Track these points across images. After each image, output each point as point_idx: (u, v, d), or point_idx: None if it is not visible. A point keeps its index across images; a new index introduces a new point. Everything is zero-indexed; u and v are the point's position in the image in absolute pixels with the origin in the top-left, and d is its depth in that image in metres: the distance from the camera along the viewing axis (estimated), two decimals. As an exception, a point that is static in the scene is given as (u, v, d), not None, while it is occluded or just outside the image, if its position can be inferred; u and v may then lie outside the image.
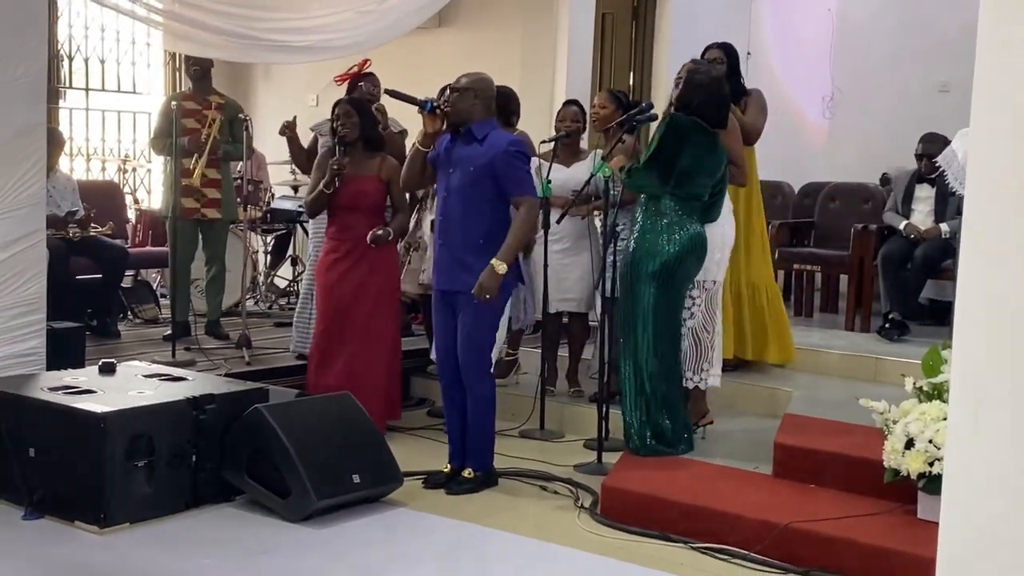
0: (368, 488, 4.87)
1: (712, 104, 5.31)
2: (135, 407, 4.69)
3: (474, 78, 5.14)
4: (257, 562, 4.27)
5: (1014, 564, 2.16)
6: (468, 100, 5.07)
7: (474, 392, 5.15)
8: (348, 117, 5.92)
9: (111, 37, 9.88)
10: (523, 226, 5.07)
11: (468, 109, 5.08)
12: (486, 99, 5.13)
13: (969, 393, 2.23)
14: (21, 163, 5.39)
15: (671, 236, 5.24)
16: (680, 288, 5.34)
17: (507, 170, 5.02)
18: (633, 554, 4.43)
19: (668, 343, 5.33)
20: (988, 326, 2.20)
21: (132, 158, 10.10)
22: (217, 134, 7.15)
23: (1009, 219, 2.15)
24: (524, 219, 5.06)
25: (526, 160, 5.16)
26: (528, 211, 5.06)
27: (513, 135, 5.28)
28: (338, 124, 5.93)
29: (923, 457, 4.21)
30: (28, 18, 5.37)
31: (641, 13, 9.43)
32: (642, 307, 5.28)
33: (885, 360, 6.45)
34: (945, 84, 8.91)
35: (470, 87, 5.09)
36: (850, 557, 4.17)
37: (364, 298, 5.88)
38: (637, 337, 5.30)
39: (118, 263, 7.47)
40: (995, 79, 2.17)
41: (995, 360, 2.18)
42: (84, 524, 4.51)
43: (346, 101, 6.05)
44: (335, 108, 6.05)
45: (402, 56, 8.47)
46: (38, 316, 5.49)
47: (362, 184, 5.88)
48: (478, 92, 5.09)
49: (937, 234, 7.18)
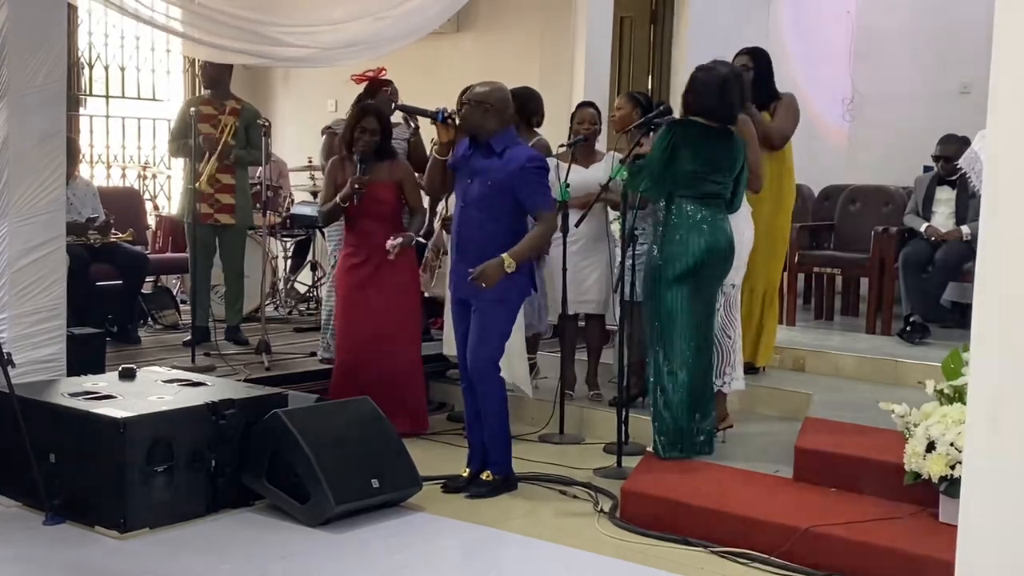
0: (387, 493, 4.87)
1: (715, 102, 5.29)
2: (155, 412, 4.70)
3: (486, 90, 5.12)
4: (276, 567, 4.27)
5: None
6: (479, 113, 5.06)
7: (484, 394, 5.16)
8: (373, 135, 5.92)
9: (131, 44, 9.94)
10: (539, 237, 5.15)
11: (480, 122, 5.07)
12: (500, 110, 5.09)
13: (987, 394, 2.23)
14: (42, 170, 5.43)
15: (695, 238, 5.23)
16: (707, 289, 5.32)
17: (526, 186, 5.04)
18: (652, 558, 4.41)
19: (700, 346, 5.32)
20: (1005, 327, 2.19)
21: (152, 165, 10.15)
22: (231, 138, 7.16)
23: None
24: (541, 232, 5.14)
25: (544, 174, 5.17)
26: (546, 224, 5.13)
27: (532, 151, 5.25)
28: (361, 136, 5.91)
29: (944, 460, 4.19)
30: (48, 26, 5.41)
31: (659, 17, 9.41)
32: (669, 310, 5.26)
33: (906, 363, 6.43)
34: (966, 86, 8.87)
35: (482, 100, 5.07)
36: (871, 561, 4.15)
37: (386, 305, 5.90)
38: (668, 341, 5.28)
39: (138, 269, 7.50)
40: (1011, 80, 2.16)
41: (1012, 361, 2.17)
42: (104, 529, 4.53)
43: (373, 115, 5.99)
44: (360, 115, 6.00)
45: (421, 61, 8.48)
46: (59, 322, 5.52)
47: (377, 191, 5.89)
48: (490, 104, 5.07)
49: (958, 236, 7.15)
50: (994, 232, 2.21)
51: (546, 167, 5.25)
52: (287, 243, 9.32)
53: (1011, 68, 2.16)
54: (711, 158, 5.27)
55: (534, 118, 6.64)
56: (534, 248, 5.17)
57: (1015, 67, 2.15)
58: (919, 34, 9.59)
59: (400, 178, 5.96)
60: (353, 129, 5.96)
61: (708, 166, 5.26)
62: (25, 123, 5.35)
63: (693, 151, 5.23)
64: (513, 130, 5.23)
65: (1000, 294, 2.19)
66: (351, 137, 5.95)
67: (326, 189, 6.07)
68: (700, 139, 5.26)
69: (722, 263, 5.33)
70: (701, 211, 5.26)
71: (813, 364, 6.78)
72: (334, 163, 6.09)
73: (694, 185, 5.25)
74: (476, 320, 5.12)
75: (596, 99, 7.07)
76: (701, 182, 5.26)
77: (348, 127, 6.02)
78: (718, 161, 5.30)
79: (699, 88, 5.33)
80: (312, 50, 6.63)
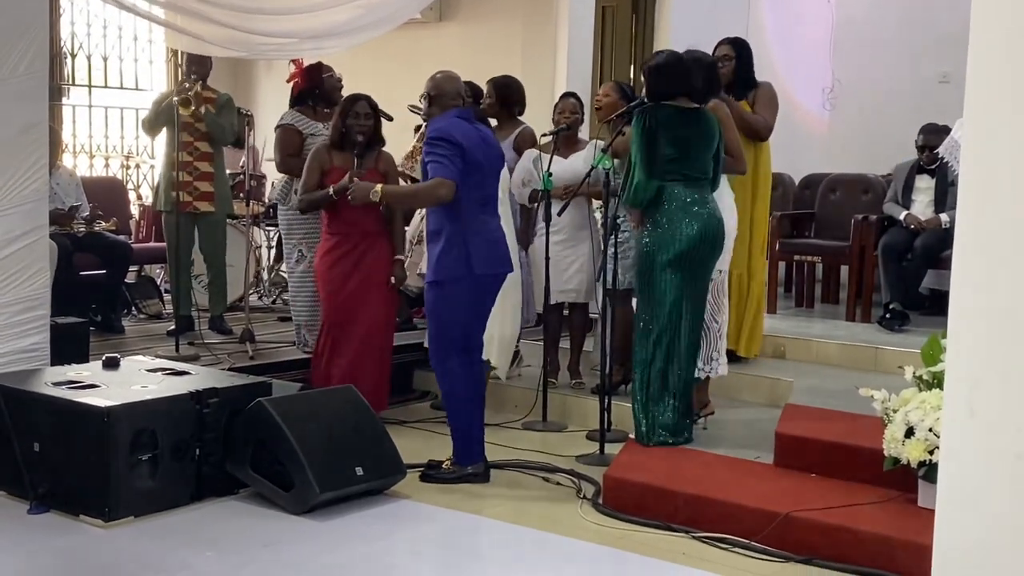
0: (371, 480, 4.89)
1: (676, 82, 5.33)
2: (139, 401, 4.71)
3: (429, 82, 5.25)
4: (261, 555, 4.29)
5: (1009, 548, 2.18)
6: (426, 104, 5.26)
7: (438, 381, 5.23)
8: (368, 118, 5.96)
9: (113, 34, 9.92)
10: (416, 189, 5.48)
11: (428, 112, 5.27)
12: (435, 97, 5.21)
13: (963, 378, 2.26)
14: (24, 160, 5.42)
15: (686, 222, 5.24)
16: (698, 274, 5.34)
17: (425, 156, 5.11)
18: (635, 544, 4.45)
19: (689, 332, 5.35)
20: (980, 313, 2.22)
21: (135, 154, 10.13)
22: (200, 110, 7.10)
23: (1001, 208, 2.17)
24: (421, 187, 5.26)
25: (439, 144, 5.02)
26: (430, 185, 5.05)
27: (438, 123, 5.14)
28: (355, 121, 5.92)
29: (923, 446, 4.23)
30: (30, 16, 5.39)
31: (641, 6, 9.44)
32: (660, 296, 5.29)
33: (885, 350, 6.48)
34: (946, 75, 8.90)
35: (426, 91, 5.24)
36: (851, 545, 4.19)
37: (369, 292, 5.91)
38: (658, 327, 5.31)
39: (122, 259, 7.49)
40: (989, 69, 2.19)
41: (987, 345, 2.20)
42: (89, 518, 4.54)
43: (365, 101, 6.03)
44: (350, 102, 6.00)
45: (403, 51, 8.50)
46: (42, 312, 5.52)
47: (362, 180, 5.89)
48: (429, 94, 5.23)
49: (937, 224, 7.20)
50: (970, 220, 2.24)
51: (443, 137, 5.03)
52: (270, 232, 9.31)
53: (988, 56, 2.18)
54: (685, 139, 5.30)
55: (515, 107, 6.66)
56: (407, 195, 5.55)
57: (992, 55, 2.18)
58: (899, 23, 9.62)
59: (386, 170, 5.98)
60: (345, 117, 5.95)
61: (684, 147, 5.28)
62: (7, 113, 5.33)
63: (669, 133, 5.26)
64: (451, 114, 5.14)
65: (975, 280, 2.22)
66: (343, 125, 5.95)
67: (308, 176, 6.01)
68: (672, 121, 5.28)
69: (711, 248, 5.34)
70: (689, 194, 5.27)
71: (794, 351, 6.82)
72: (319, 150, 6.08)
73: (675, 169, 5.27)
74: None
75: (578, 88, 7.10)
76: (681, 164, 5.28)
77: (339, 116, 5.99)
78: (696, 140, 5.32)
79: (653, 75, 5.38)
80: (292, 39, 6.62)
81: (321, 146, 6.12)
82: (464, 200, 5.04)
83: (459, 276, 5.06)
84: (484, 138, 5.22)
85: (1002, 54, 2.16)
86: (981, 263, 2.22)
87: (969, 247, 2.24)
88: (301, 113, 6.77)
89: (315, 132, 6.63)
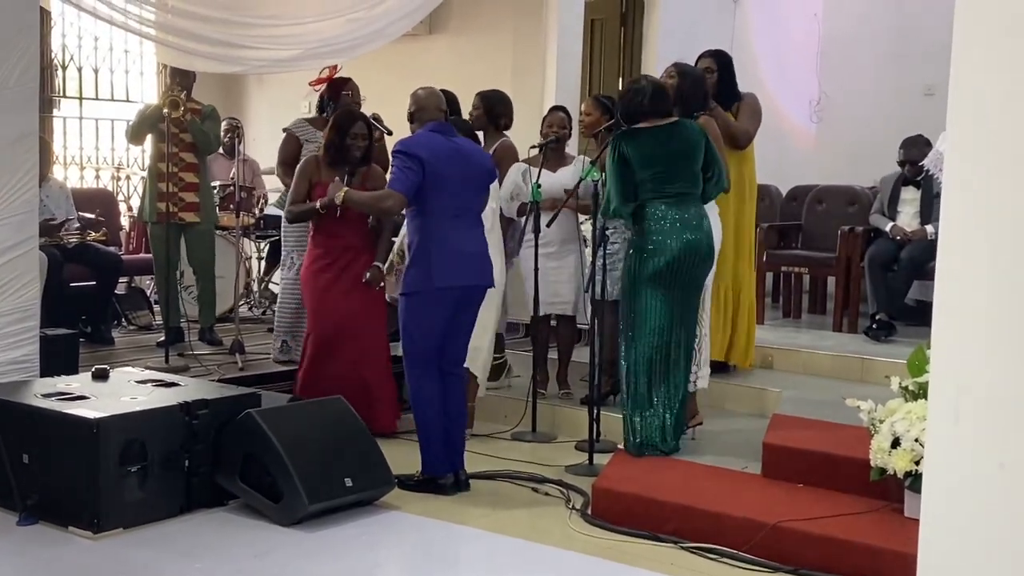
0: (360, 492, 4.90)
1: (650, 105, 5.35)
2: (128, 412, 4.71)
3: (411, 100, 5.31)
4: (250, 566, 4.29)
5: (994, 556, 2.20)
6: (410, 123, 5.30)
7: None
8: (364, 139, 6.00)
9: (104, 47, 9.92)
10: (374, 195, 5.46)
11: (413, 130, 5.28)
12: (413, 113, 5.28)
13: (947, 387, 2.28)
14: (15, 171, 5.41)
15: (671, 240, 5.25)
16: (686, 289, 5.34)
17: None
18: (623, 554, 4.47)
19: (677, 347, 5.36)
20: (965, 321, 2.24)
21: (126, 166, 10.12)
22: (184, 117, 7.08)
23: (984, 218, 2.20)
24: (379, 193, 5.42)
25: (400, 157, 5.06)
26: (387, 195, 5.19)
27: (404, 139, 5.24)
28: (354, 142, 5.94)
29: (909, 456, 4.25)
30: (21, 28, 5.39)
31: (629, 19, 9.47)
32: (643, 312, 5.30)
33: (872, 360, 6.52)
34: (930, 88, 8.97)
35: (409, 110, 5.30)
36: (838, 555, 4.21)
37: (354, 306, 5.93)
38: (641, 343, 5.32)
39: (112, 270, 7.48)
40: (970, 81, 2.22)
41: (972, 353, 2.22)
42: (78, 529, 4.54)
43: (361, 119, 6.07)
44: (349, 122, 6.01)
45: (393, 63, 8.51)
46: (32, 323, 5.51)
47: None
48: (410, 112, 5.29)
49: (923, 236, 7.24)
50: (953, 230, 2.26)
51: (402, 151, 5.07)
52: (261, 244, 9.31)
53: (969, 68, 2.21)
54: (664, 156, 5.31)
55: (501, 120, 6.69)
56: (363, 203, 5.52)
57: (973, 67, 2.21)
58: (885, 37, 9.70)
59: (374, 185, 5.99)
60: (345, 136, 5.96)
61: (663, 164, 5.30)
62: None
63: (643, 157, 5.27)
64: (426, 128, 5.20)
65: (959, 288, 2.24)
66: (342, 144, 5.95)
67: (297, 186, 6.04)
68: (647, 143, 5.30)
69: (699, 263, 5.36)
70: (671, 211, 5.28)
71: (781, 362, 6.86)
72: (309, 162, 6.10)
73: (657, 187, 5.29)
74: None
75: (567, 100, 7.13)
76: (662, 182, 5.29)
77: (336, 134, 5.98)
78: (673, 157, 5.33)
79: (626, 100, 5.43)
80: (284, 53, 6.64)
81: (312, 158, 6.15)
82: (430, 213, 5.09)
83: (421, 289, 5.10)
84: (458, 150, 5.22)
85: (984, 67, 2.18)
86: (965, 272, 2.24)
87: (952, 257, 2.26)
88: (310, 123, 6.84)
89: (313, 140, 6.69)
